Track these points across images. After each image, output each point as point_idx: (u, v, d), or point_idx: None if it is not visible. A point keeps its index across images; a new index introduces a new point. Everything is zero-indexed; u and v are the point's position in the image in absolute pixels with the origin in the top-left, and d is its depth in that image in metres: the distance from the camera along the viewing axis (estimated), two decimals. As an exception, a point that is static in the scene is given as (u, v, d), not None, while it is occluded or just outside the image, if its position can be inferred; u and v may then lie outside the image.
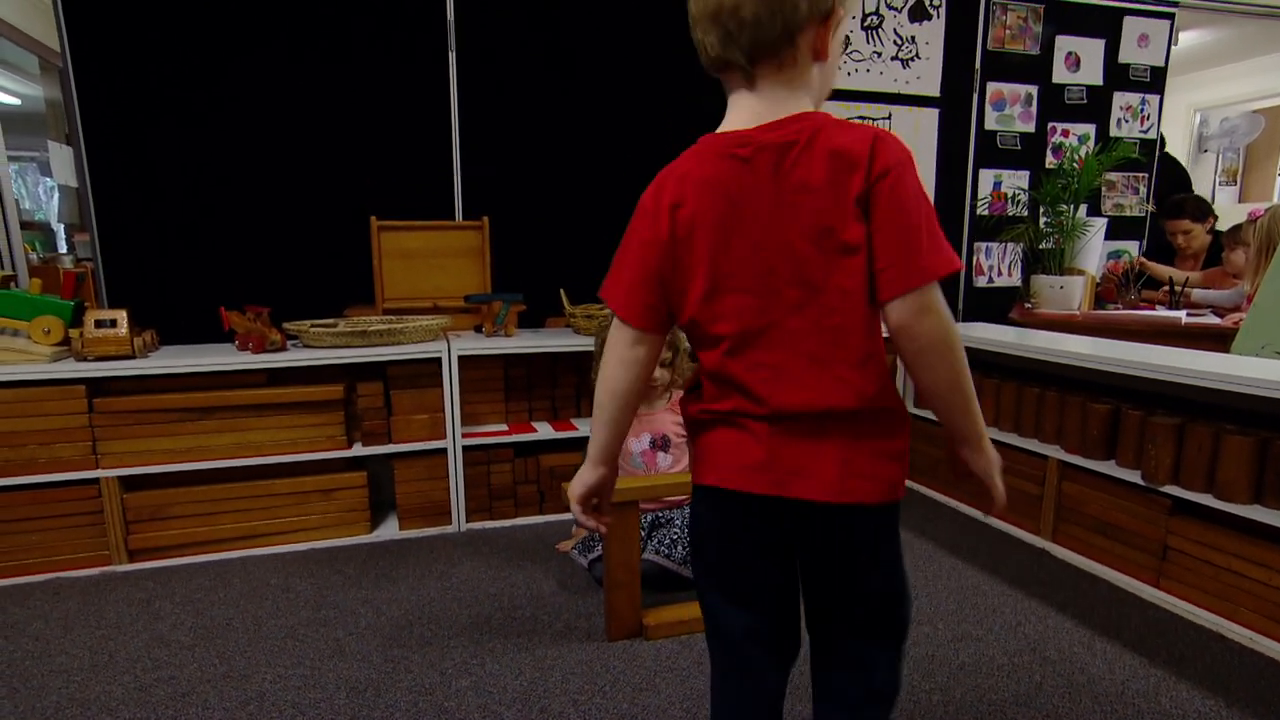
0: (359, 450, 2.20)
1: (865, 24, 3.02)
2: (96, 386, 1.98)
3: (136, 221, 2.40)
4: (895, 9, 3.05)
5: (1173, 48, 3.63)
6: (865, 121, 3.09)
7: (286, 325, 2.21)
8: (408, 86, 2.57)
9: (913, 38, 3.09)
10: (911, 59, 3.11)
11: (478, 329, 2.47)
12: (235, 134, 2.44)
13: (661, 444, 2.02)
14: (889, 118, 3.13)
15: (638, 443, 2.01)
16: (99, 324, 1.98)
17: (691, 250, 0.83)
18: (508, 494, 2.34)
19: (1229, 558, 1.65)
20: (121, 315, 2.00)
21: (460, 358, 2.23)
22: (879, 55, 3.06)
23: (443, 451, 2.25)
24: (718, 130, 0.86)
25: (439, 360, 2.21)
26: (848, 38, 3.01)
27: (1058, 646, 1.60)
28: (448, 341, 2.26)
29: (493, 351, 2.28)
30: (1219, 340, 2.51)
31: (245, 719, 1.37)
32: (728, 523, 0.89)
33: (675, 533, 1.89)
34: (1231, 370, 1.69)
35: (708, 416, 0.88)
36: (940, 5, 3.12)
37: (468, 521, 2.31)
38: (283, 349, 2.16)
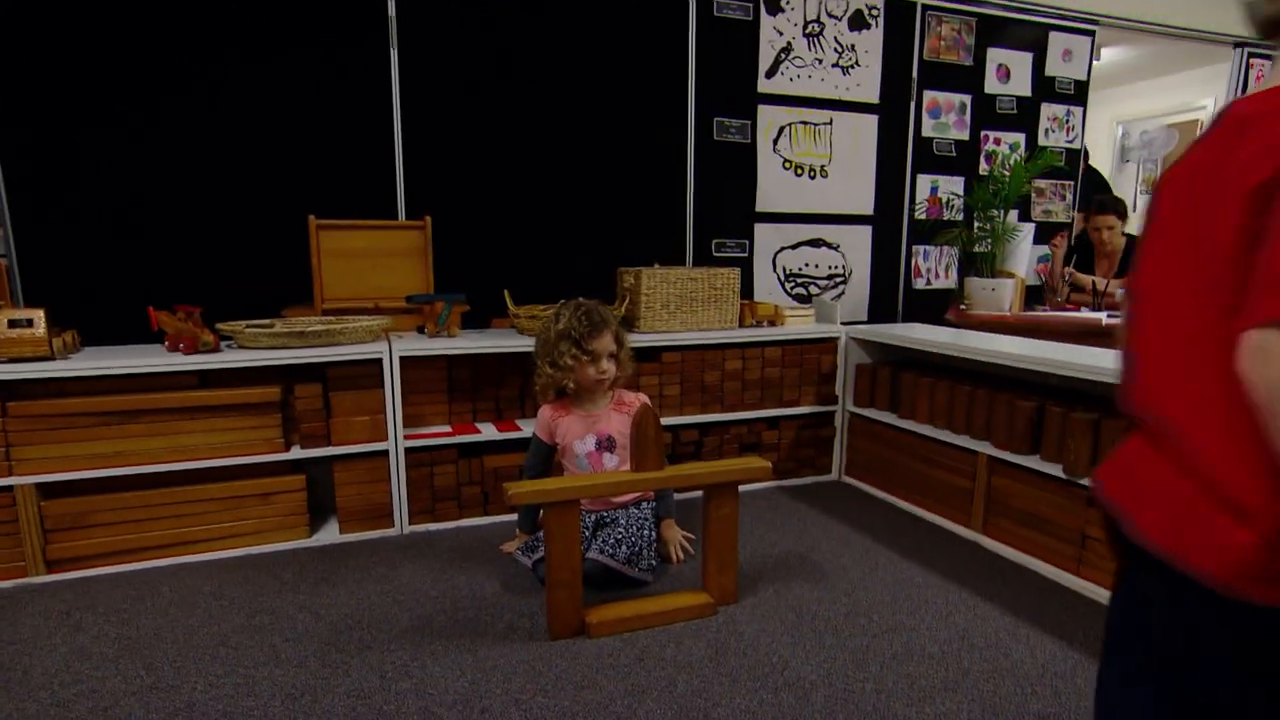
0: (297, 453, 2.15)
1: (806, 31, 3.09)
2: (10, 389, 1.89)
3: (55, 215, 2.29)
4: (835, 17, 3.13)
5: (1096, 63, 3.81)
6: (807, 127, 3.17)
7: (220, 326, 2.15)
8: (348, 82, 2.52)
9: (852, 46, 3.18)
10: (851, 66, 3.20)
11: (420, 330, 2.44)
12: (164, 126, 2.35)
13: (608, 445, 2.03)
14: (830, 123, 3.21)
15: (582, 444, 2.01)
16: (13, 324, 1.88)
17: None
18: (451, 495, 2.31)
19: (1141, 545, 1.74)
20: (39, 314, 1.91)
21: (402, 358, 2.20)
22: (820, 62, 3.13)
23: (384, 453, 2.22)
24: None
25: (380, 361, 2.17)
26: (790, 44, 3.08)
27: (984, 634, 1.67)
28: (389, 342, 2.23)
29: (435, 352, 2.26)
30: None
31: (173, 731, 1.33)
32: None
33: (619, 532, 1.90)
34: (1143, 368, 1.79)
35: None
36: (879, 15, 3.21)
37: (410, 524, 2.28)
38: (216, 350, 2.09)
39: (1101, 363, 1.90)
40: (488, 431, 2.34)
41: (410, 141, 2.61)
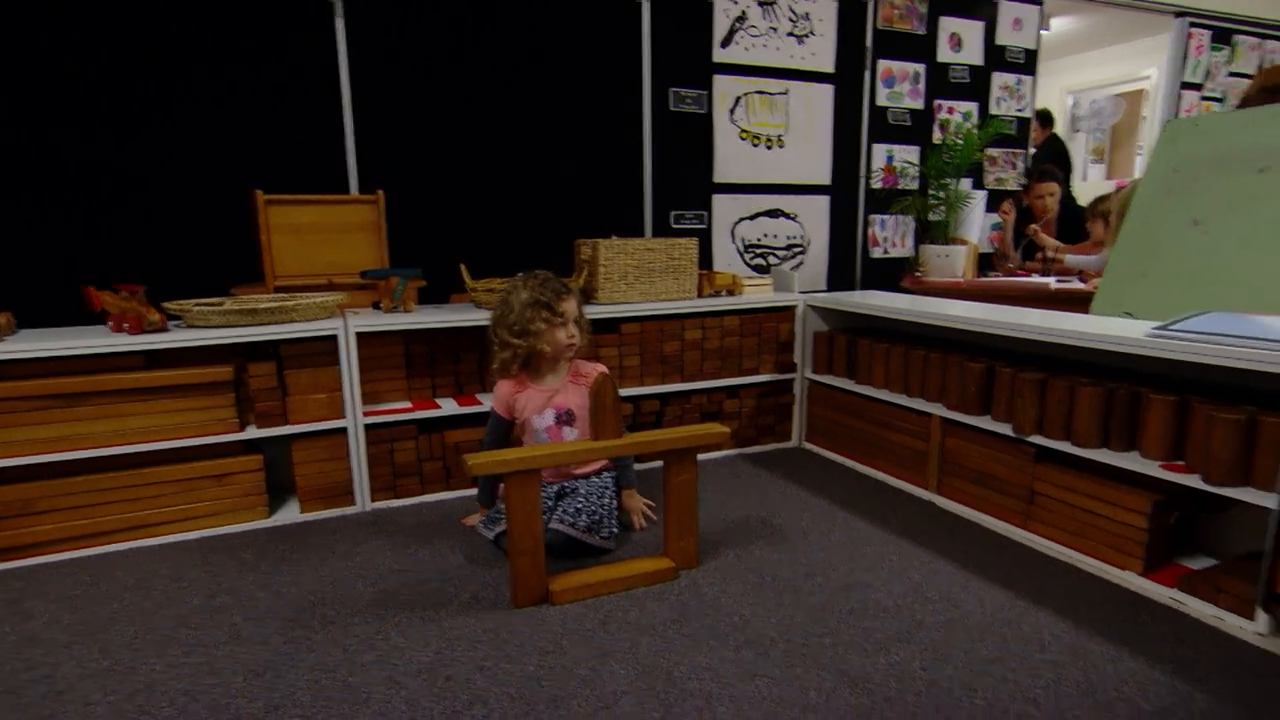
0: (253, 433, 2.12)
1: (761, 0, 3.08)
2: (-54, 374, 1.82)
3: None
4: (790, -14, 3.12)
5: (1045, 33, 3.87)
6: (764, 97, 3.17)
7: (167, 305, 2.09)
8: (294, 52, 2.44)
9: (807, 14, 3.18)
10: (806, 35, 3.20)
11: (376, 305, 2.41)
12: (98, 96, 2.26)
13: (566, 419, 2.03)
14: (786, 93, 3.21)
15: (541, 419, 2.01)
16: (-54, 305, 1.81)
17: None
18: (412, 471, 2.30)
19: (1083, 498, 1.82)
20: (-28, 295, 1.83)
21: (358, 334, 2.17)
22: (775, 31, 3.13)
23: (343, 431, 2.19)
24: None
25: (335, 338, 2.14)
26: (745, 13, 3.07)
27: (937, 587, 1.73)
28: (344, 318, 2.20)
29: (391, 328, 2.23)
30: (1083, 304, 2.73)
31: (133, 710, 1.32)
32: None
33: (580, 502, 1.92)
34: (1085, 329, 1.85)
35: None
36: (833, -17, 3.21)
37: (372, 501, 2.26)
38: (163, 329, 2.04)
39: (1046, 323, 1.96)
40: (448, 406, 2.33)
41: (360, 113, 2.55)
